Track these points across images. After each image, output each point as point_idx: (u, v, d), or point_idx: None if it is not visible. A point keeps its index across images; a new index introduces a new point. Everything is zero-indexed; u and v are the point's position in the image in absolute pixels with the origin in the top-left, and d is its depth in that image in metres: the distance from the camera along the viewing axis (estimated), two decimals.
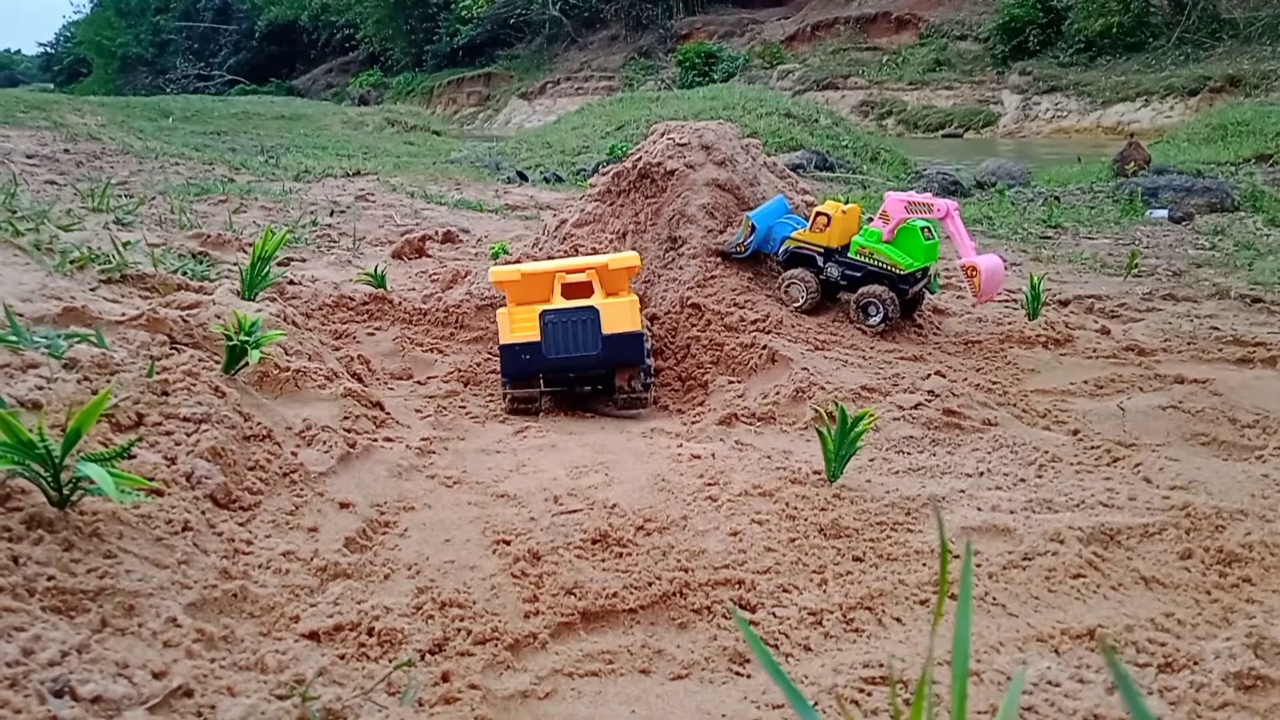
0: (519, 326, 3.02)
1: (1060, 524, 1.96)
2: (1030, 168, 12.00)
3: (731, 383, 3.25)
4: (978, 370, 3.38)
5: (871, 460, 2.51)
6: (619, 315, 3.01)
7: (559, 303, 3.05)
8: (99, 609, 1.34)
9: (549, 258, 3.40)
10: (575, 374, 3.07)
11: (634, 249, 3.92)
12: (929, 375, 3.20)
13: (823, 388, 3.04)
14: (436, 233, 5.50)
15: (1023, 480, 2.36)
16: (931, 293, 4.06)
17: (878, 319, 3.62)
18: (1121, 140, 13.25)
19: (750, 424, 2.95)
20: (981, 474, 2.42)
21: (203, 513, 1.77)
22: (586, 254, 3.76)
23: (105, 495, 1.41)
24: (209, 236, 4.33)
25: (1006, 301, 4.32)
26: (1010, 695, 0.87)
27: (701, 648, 1.55)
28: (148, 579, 1.47)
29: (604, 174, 4.26)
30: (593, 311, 2.99)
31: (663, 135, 4.16)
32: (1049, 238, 6.84)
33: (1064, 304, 4.43)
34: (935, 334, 3.79)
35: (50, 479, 1.49)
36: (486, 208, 7.62)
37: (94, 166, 7.82)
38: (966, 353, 3.58)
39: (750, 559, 1.82)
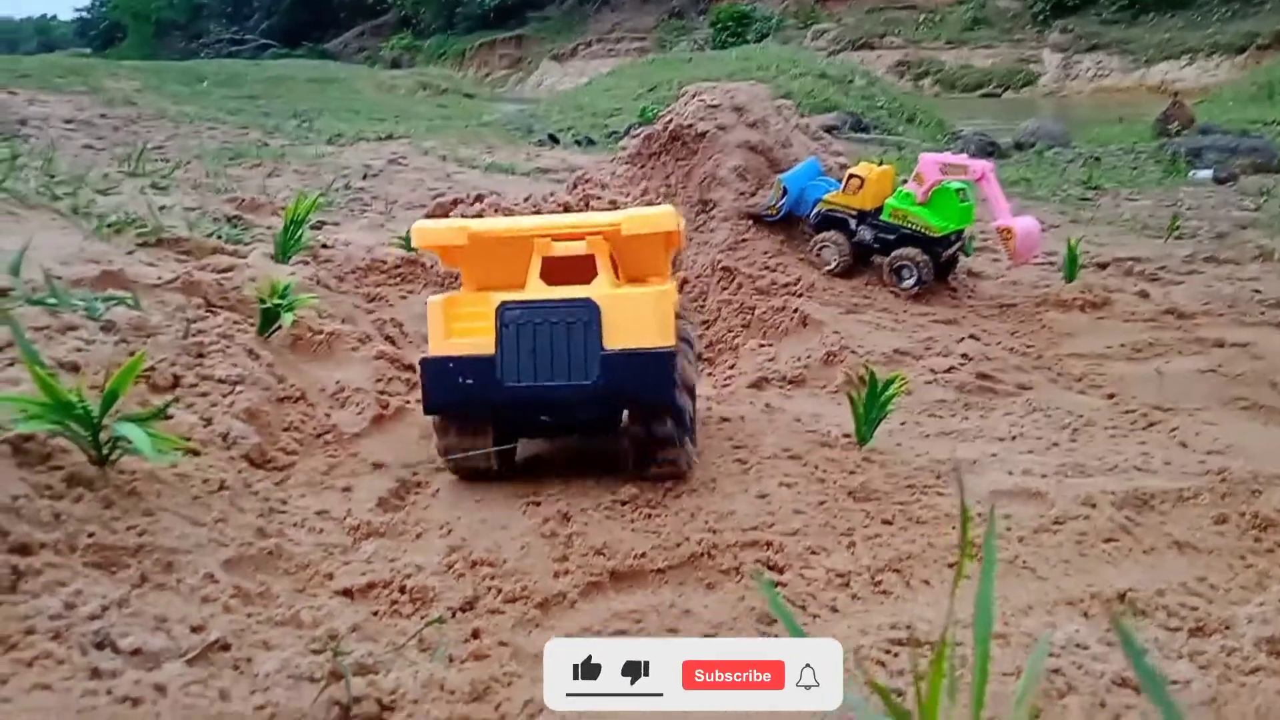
0: (460, 327, 1.89)
1: (1093, 488, 1.94)
2: (1071, 128, 11.78)
3: (762, 346, 3.24)
4: (1012, 334, 3.34)
5: (903, 424, 2.50)
6: (634, 317, 1.83)
7: (535, 289, 1.89)
8: (139, 565, 1.37)
9: (535, 210, 2.24)
10: (551, 416, 1.94)
11: None
12: (962, 339, 3.17)
13: (854, 351, 3.02)
14: (468, 196, 5.50)
15: (1056, 444, 2.34)
16: (966, 255, 4.01)
17: (911, 282, 3.59)
18: (1165, 99, 12.96)
19: (781, 387, 2.94)
20: (1014, 438, 2.40)
21: (239, 472, 1.80)
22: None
23: (143, 455, 1.44)
24: (243, 200, 4.35)
25: (1043, 264, 4.25)
26: (1034, 658, 0.87)
27: (729, 608, 1.55)
28: (186, 536, 1.50)
29: (634, 136, 4.24)
30: (587, 309, 1.82)
31: (694, 97, 4.13)
32: (1089, 199, 6.72)
33: (1103, 266, 4.35)
34: (970, 297, 3.75)
35: (89, 439, 1.52)
36: (518, 171, 7.61)
37: (130, 131, 7.88)
38: (1001, 316, 3.54)
39: (778, 521, 1.83)
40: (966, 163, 3.51)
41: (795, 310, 3.33)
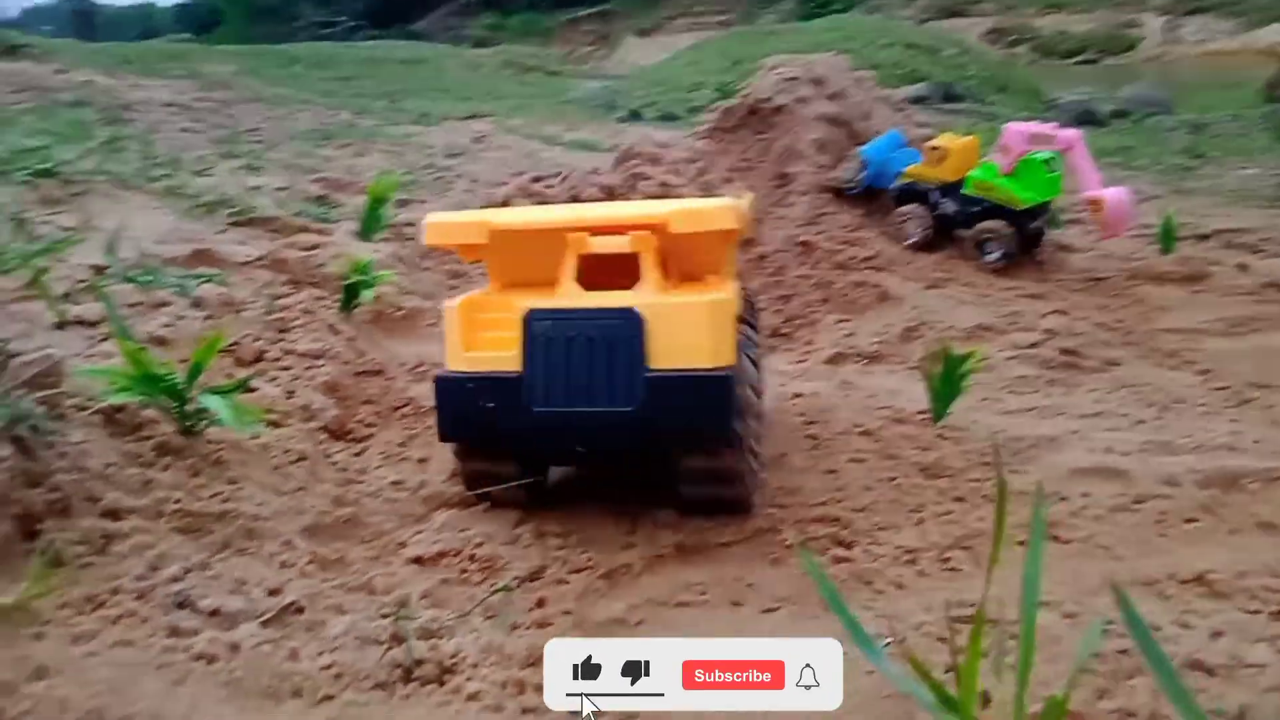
0: (482, 337, 1.62)
1: (1177, 467, 1.88)
2: (1173, 95, 11.30)
3: (840, 321, 3.20)
4: (1102, 308, 3.24)
5: (983, 400, 2.45)
6: (685, 331, 1.54)
7: (570, 295, 1.61)
8: (221, 531, 1.43)
9: (573, 197, 1.93)
10: (587, 445, 1.65)
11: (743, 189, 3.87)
12: (1048, 314, 3.10)
13: (934, 326, 2.97)
14: (548, 175, 5.54)
15: (1141, 421, 2.27)
16: (1055, 228, 3.90)
17: (996, 255, 3.50)
18: (1275, 62, 12.33)
19: (858, 363, 2.91)
20: (1098, 414, 2.33)
21: (318, 444, 1.86)
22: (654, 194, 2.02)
23: (225, 425, 1.50)
24: (331, 180, 4.46)
25: (1139, 236, 4.10)
26: (1087, 637, 0.86)
27: (794, 582, 1.55)
28: (267, 504, 1.56)
29: (712, 111, 4.21)
30: (628, 321, 1.54)
31: (772, 70, 4.09)
32: (1192, 169, 6.45)
33: (1203, 238, 4.18)
34: (1057, 271, 3.65)
35: (177, 410, 1.59)
36: (600, 148, 7.61)
37: (226, 114, 8.12)
38: (1091, 290, 3.44)
39: (847, 497, 1.81)
40: (1054, 132, 3.41)
41: (875, 285, 3.29)
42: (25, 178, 2.71)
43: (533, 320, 1.56)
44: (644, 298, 1.56)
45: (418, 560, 1.55)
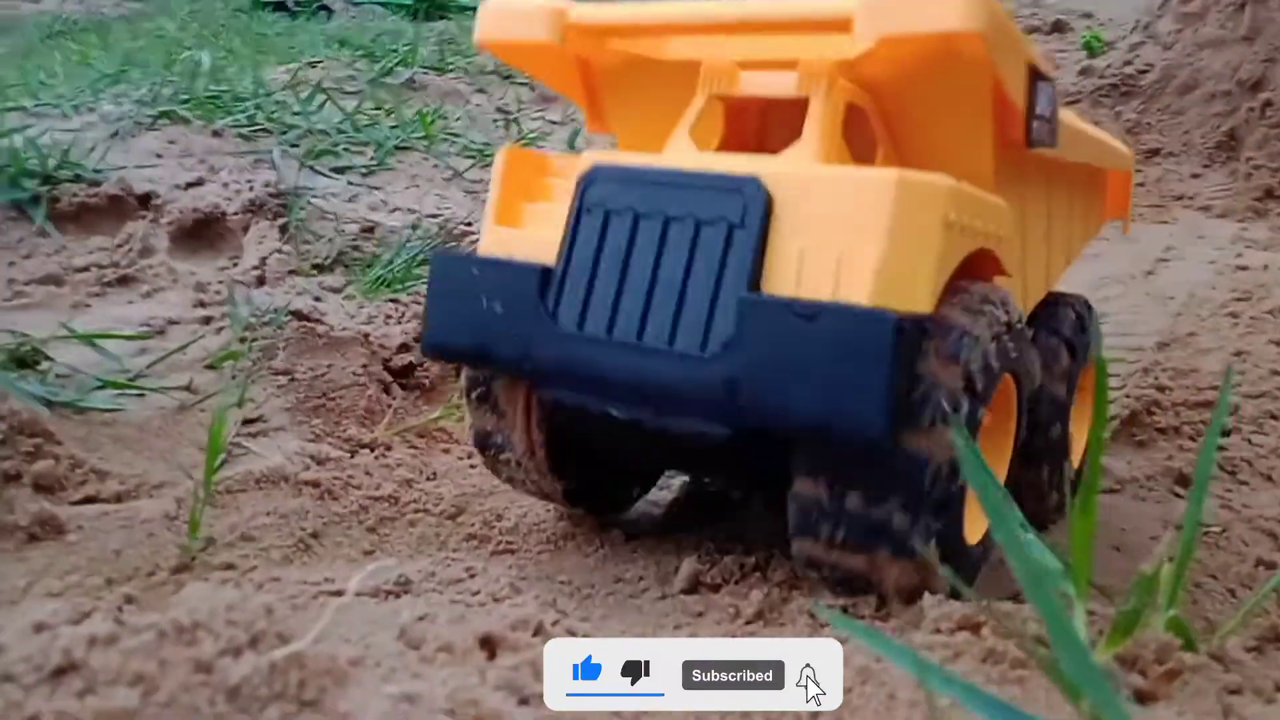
0: (523, 211, 0.97)
1: None
2: None
3: None
4: None
5: None
6: (842, 232, 0.78)
7: (679, 149, 0.93)
8: None
9: None
10: (626, 414, 0.87)
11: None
12: None
13: None
14: None
15: None
16: None
17: None
18: None
19: None
20: None
21: None
22: None
23: None
24: None
25: None
26: None
27: (1149, 467, 1.48)
28: None
29: None
30: (740, 198, 0.81)
31: None
32: None
33: None
34: None
35: None
36: None
37: None
38: None
39: (1248, 382, 1.65)
40: None
41: None
42: (525, 79, 3.22)
43: (592, 180, 0.89)
44: (785, 164, 0.85)
45: None
